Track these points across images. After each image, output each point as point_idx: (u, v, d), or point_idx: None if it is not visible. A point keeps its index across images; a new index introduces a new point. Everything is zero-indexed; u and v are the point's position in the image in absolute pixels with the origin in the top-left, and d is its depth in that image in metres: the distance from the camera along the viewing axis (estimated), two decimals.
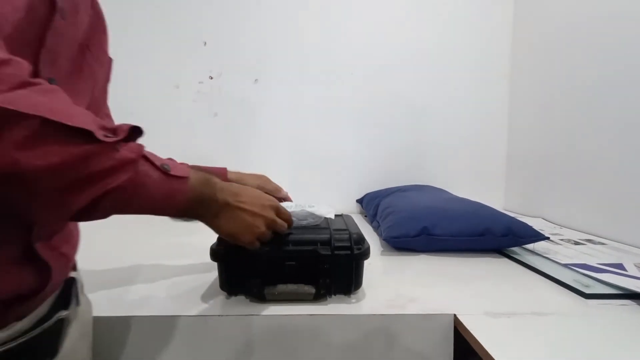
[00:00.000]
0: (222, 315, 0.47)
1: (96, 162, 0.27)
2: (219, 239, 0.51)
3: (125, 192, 0.29)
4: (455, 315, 0.47)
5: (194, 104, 1.21)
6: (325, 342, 0.47)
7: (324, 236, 0.51)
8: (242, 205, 0.42)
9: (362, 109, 1.23)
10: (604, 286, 0.55)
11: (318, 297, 0.49)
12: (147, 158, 0.32)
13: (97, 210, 0.29)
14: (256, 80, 1.22)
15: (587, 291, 0.53)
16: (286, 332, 0.47)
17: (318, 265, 0.49)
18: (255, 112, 1.22)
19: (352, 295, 0.52)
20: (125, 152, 0.29)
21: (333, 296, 0.51)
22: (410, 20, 1.22)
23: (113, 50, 0.43)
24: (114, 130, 0.30)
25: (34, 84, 0.25)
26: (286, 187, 0.66)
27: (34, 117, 0.24)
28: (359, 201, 1.21)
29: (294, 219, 0.51)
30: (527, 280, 0.59)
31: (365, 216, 1.13)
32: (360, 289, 0.53)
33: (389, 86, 1.23)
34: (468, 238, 0.73)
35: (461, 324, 0.45)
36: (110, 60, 0.43)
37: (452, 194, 1.06)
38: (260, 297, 0.49)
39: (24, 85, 0.25)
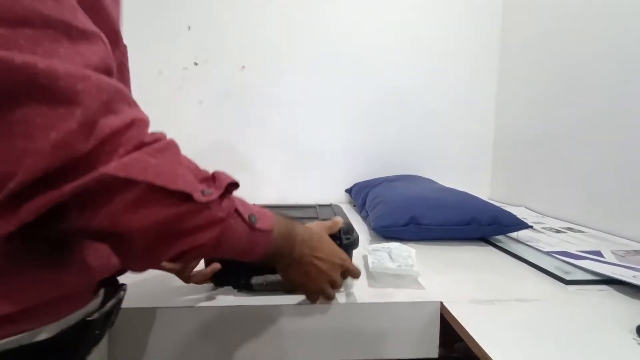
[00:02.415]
0: (208, 307, 0.46)
1: (188, 221, 0.29)
2: None
3: (209, 246, 0.31)
4: (441, 302, 0.47)
5: (178, 91, 1.18)
6: (313, 331, 0.47)
7: None
8: (315, 261, 0.43)
9: (350, 99, 1.22)
10: (583, 272, 0.56)
11: None
12: (238, 212, 0.33)
13: (178, 260, 0.31)
14: (243, 67, 1.19)
15: (567, 277, 0.54)
16: (274, 322, 0.47)
17: None
18: (242, 100, 1.19)
19: None
20: (216, 211, 0.31)
21: None
22: (398, 12, 1.21)
23: None
24: (213, 179, 0.32)
25: (149, 144, 0.26)
26: (275, 176, 0.64)
27: (142, 182, 0.25)
28: (348, 191, 1.21)
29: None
30: (511, 268, 0.61)
31: (354, 206, 1.14)
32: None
33: (377, 77, 1.22)
34: (455, 227, 0.74)
35: (447, 311, 0.46)
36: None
37: (440, 184, 1.07)
38: (248, 288, 0.49)
39: (140, 146, 0.26)
